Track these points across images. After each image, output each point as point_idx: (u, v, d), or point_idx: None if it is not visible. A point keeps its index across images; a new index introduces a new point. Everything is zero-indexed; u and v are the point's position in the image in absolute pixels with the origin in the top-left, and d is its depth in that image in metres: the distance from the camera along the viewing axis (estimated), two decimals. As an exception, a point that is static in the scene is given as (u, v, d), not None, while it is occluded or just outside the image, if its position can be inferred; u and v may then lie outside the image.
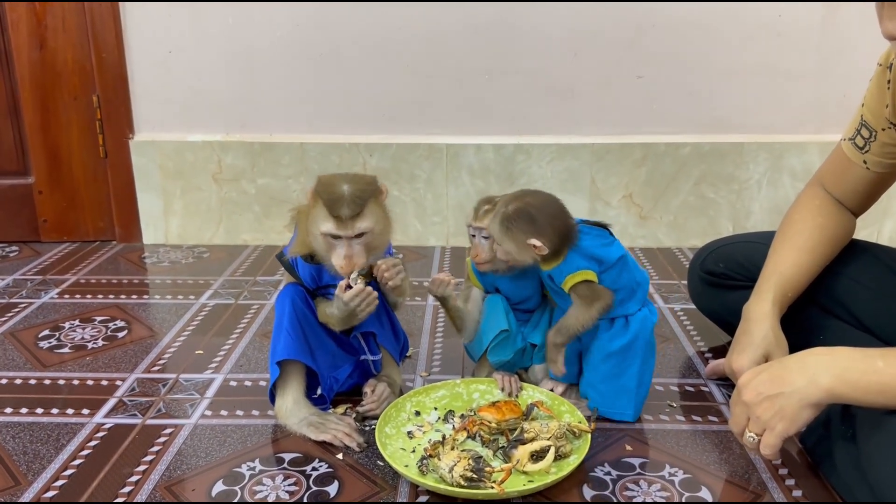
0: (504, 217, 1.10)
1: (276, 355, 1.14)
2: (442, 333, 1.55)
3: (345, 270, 1.10)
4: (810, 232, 1.18)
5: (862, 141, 1.14)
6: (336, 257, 1.10)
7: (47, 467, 1.08)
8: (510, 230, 1.10)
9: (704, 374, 1.35)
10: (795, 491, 1.02)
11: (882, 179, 1.17)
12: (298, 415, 1.14)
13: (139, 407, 1.25)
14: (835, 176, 1.21)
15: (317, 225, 1.09)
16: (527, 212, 1.09)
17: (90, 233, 2.17)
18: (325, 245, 1.10)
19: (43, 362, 1.42)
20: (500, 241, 1.11)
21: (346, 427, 1.13)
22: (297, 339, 1.14)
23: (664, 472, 1.06)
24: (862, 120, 1.14)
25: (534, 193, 1.12)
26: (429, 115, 2.06)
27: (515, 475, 1.01)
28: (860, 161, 1.15)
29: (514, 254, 1.11)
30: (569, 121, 2.05)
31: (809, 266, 1.18)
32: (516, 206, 1.10)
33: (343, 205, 1.06)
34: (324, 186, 1.09)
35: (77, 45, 2.02)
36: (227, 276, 1.89)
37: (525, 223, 1.09)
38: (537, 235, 1.09)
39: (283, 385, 1.16)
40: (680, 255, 2.03)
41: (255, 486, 1.03)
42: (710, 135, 2.04)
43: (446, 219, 2.11)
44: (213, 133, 2.09)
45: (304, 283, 1.20)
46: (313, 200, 1.10)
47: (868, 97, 1.12)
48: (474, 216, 1.17)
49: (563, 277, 1.12)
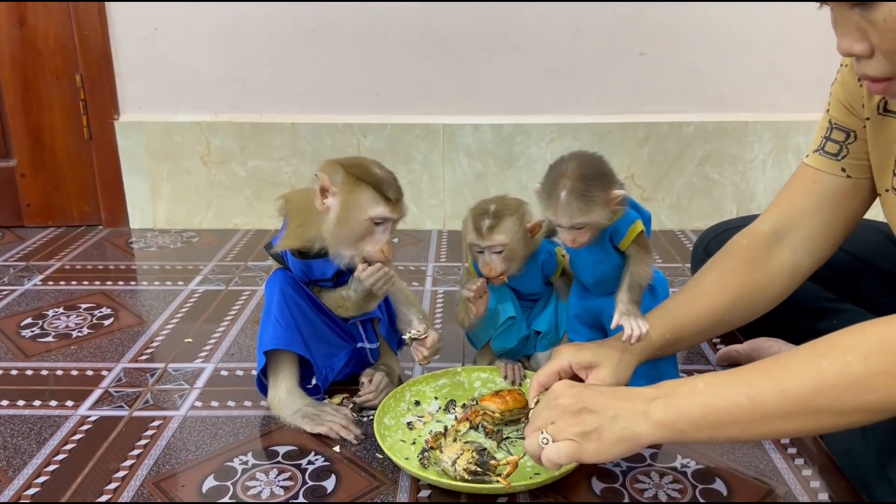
0: (577, 191, 0.97)
1: (263, 344, 1.09)
2: (441, 319, 1.50)
3: (381, 257, 1.06)
4: (720, 273, 1.06)
5: (836, 146, 1.03)
6: (374, 243, 1.05)
7: (29, 463, 1.03)
8: (592, 198, 0.97)
9: (714, 360, 1.31)
10: (813, 482, 0.98)
11: (856, 190, 1.03)
12: (293, 406, 1.10)
13: (126, 398, 1.20)
14: (795, 198, 1.06)
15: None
16: (590, 170, 0.99)
17: (75, 217, 2.10)
18: (365, 231, 1.05)
19: (25, 352, 1.37)
20: (585, 215, 0.98)
21: (343, 419, 1.08)
22: (287, 328, 1.09)
23: (676, 462, 1.02)
24: (832, 124, 1.03)
25: (567, 159, 1.01)
26: (425, 94, 2.00)
27: (522, 467, 0.96)
28: (837, 170, 1.03)
29: (602, 219, 0.99)
30: (569, 100, 1.99)
31: (702, 310, 1.04)
32: (577, 174, 0.98)
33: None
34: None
35: (58, 22, 1.95)
36: (217, 262, 1.83)
37: (598, 180, 0.98)
38: (614, 184, 1.00)
39: (275, 375, 1.11)
40: (683, 238, 1.99)
41: (248, 482, 0.98)
42: (714, 113, 1.99)
43: (443, 202, 2.05)
44: (202, 113, 2.02)
45: (295, 276, 1.14)
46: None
47: (834, 101, 1.03)
48: (479, 235, 1.08)
49: (625, 230, 1.03)
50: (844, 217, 1.04)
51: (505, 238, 1.07)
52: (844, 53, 0.78)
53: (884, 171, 0.96)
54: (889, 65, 0.76)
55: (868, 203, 1.04)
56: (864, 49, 0.76)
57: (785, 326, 1.21)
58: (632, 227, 1.03)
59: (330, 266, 1.11)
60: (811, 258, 1.05)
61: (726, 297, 1.04)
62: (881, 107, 0.95)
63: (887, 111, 0.94)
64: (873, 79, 0.79)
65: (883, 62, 0.76)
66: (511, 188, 2.02)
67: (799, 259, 1.05)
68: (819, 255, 1.06)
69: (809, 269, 1.06)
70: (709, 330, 1.07)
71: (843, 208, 1.03)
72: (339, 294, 1.12)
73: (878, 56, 0.76)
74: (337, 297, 1.12)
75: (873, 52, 0.76)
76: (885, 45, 0.74)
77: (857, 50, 0.76)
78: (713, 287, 1.05)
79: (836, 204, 1.03)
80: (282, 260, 1.14)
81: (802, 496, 0.95)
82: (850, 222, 1.05)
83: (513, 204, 1.11)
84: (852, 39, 0.76)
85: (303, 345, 1.11)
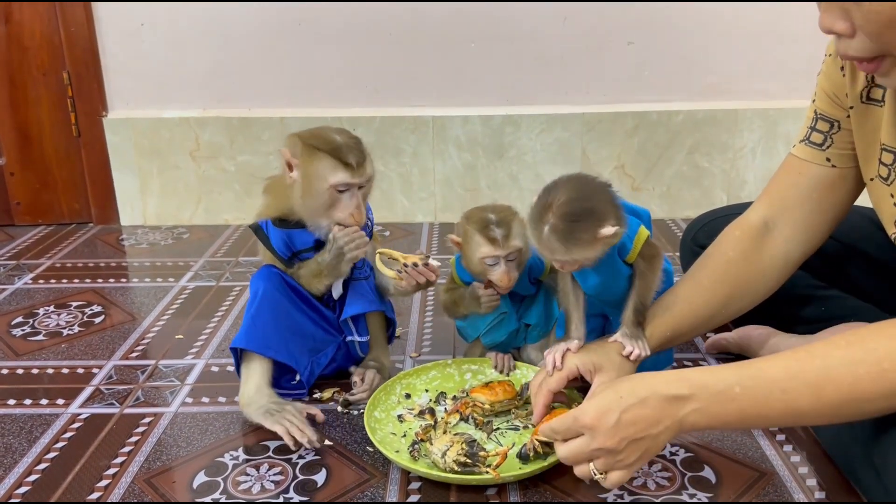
0: (559, 231, 0.89)
1: (233, 341, 1.10)
2: (431, 312, 1.50)
3: (352, 222, 1.07)
4: (714, 267, 1.06)
5: (821, 137, 1.02)
6: (342, 209, 1.06)
7: (19, 461, 1.03)
8: (575, 238, 0.89)
9: (704, 348, 1.31)
10: (802, 468, 0.98)
11: (842, 180, 1.02)
12: (258, 402, 1.08)
13: (117, 395, 1.20)
14: (783, 189, 1.06)
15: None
16: (578, 206, 0.90)
17: (65, 215, 2.10)
18: (330, 199, 1.05)
19: (16, 351, 1.37)
20: (568, 254, 0.91)
21: (299, 422, 1.04)
22: (260, 328, 1.09)
23: (665, 451, 1.02)
24: (817, 114, 1.03)
25: (558, 187, 0.92)
26: (413, 86, 1.99)
27: (511, 458, 0.97)
28: (822, 160, 1.03)
29: (588, 257, 0.92)
30: (558, 90, 1.99)
31: (700, 305, 1.05)
32: (562, 211, 0.89)
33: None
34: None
35: (44, 19, 1.94)
36: (208, 258, 1.83)
37: (585, 220, 0.89)
38: (605, 221, 0.90)
39: (246, 372, 1.10)
40: (674, 227, 1.99)
41: (239, 477, 0.98)
42: (703, 102, 1.99)
43: (433, 194, 2.05)
44: (190, 109, 2.01)
45: (278, 252, 1.14)
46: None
47: (820, 91, 1.03)
48: (496, 246, 1.05)
49: (630, 244, 0.99)
50: (832, 206, 1.04)
51: (520, 242, 1.07)
52: (826, 31, 0.77)
53: (869, 159, 0.96)
54: (871, 45, 0.75)
55: (856, 192, 1.04)
56: (845, 28, 0.75)
57: (774, 314, 1.22)
58: (636, 237, 0.99)
59: (311, 235, 1.11)
60: (802, 247, 1.06)
61: (722, 290, 1.05)
62: (864, 95, 0.95)
63: (870, 99, 0.94)
64: (855, 59, 0.78)
65: (865, 42, 0.75)
66: (501, 179, 2.02)
67: (790, 249, 1.06)
68: (810, 245, 1.06)
69: (800, 258, 1.07)
70: (706, 323, 1.08)
71: (830, 198, 1.04)
72: (314, 261, 1.11)
73: (860, 36, 0.75)
74: (314, 266, 1.11)
75: (855, 31, 0.75)
76: (868, 26, 0.73)
77: (839, 28, 0.76)
78: (709, 282, 1.06)
79: (823, 194, 1.04)
80: (264, 236, 1.13)
81: (791, 482, 0.96)
82: (838, 211, 1.05)
83: (507, 209, 1.11)
84: (834, 17, 0.75)
85: (275, 346, 1.09)
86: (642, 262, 1.00)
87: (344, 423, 1.11)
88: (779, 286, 1.08)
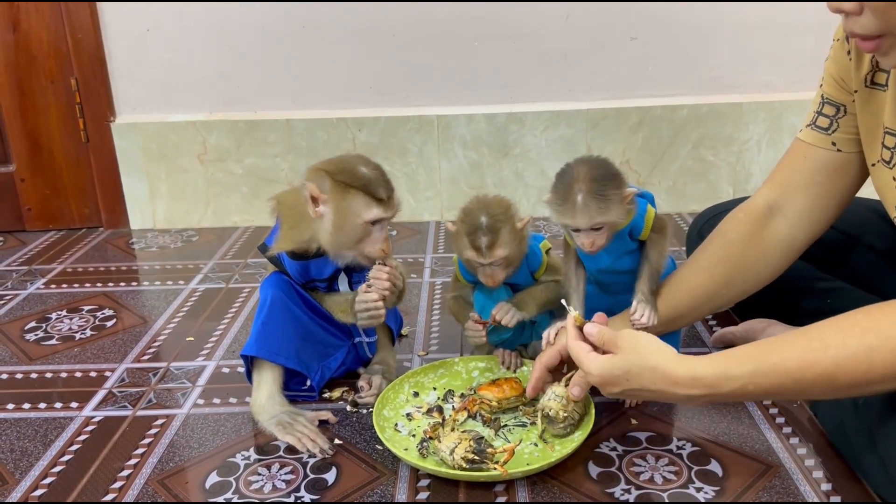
0: (593, 192, 0.97)
1: (244, 348, 1.11)
2: (439, 311, 1.51)
3: (381, 255, 1.08)
4: (714, 249, 1.08)
5: (827, 121, 1.03)
6: (372, 244, 1.06)
7: (35, 464, 1.05)
8: (609, 197, 0.97)
9: (710, 342, 1.32)
10: (808, 460, 0.99)
11: (847, 164, 1.03)
12: (270, 411, 1.09)
13: (129, 398, 1.22)
14: (789, 173, 1.07)
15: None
16: (600, 171, 0.99)
17: (76, 220, 2.12)
18: (363, 233, 1.06)
19: (29, 355, 1.39)
20: (604, 214, 0.98)
21: (311, 432, 1.06)
22: (270, 335, 1.10)
23: (671, 445, 1.03)
24: (824, 99, 1.04)
25: (575, 165, 1.00)
26: (417, 85, 2.00)
27: (518, 455, 0.98)
28: (828, 144, 1.03)
29: (619, 218, 1.00)
30: (562, 87, 1.99)
31: (698, 285, 1.07)
32: (589, 176, 0.97)
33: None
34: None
35: (51, 26, 1.96)
36: (217, 260, 1.85)
37: (611, 180, 0.98)
38: (625, 183, 1.00)
39: (258, 379, 1.11)
40: (680, 221, 1.99)
41: (251, 477, 1.00)
42: (707, 96, 1.99)
43: (439, 193, 2.06)
44: (196, 112, 2.03)
45: (292, 278, 1.15)
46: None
47: (827, 76, 1.03)
48: (479, 254, 1.08)
49: (642, 222, 1.04)
50: (838, 191, 1.05)
51: (504, 251, 1.08)
52: (834, 10, 0.79)
53: (872, 143, 0.97)
54: (878, 21, 0.77)
55: (861, 177, 1.05)
56: (853, 7, 0.77)
57: (777, 305, 1.22)
58: (647, 215, 1.04)
59: (328, 266, 1.12)
60: (806, 232, 1.06)
61: (720, 271, 1.06)
62: (868, 79, 0.96)
63: (874, 84, 0.95)
64: (861, 36, 0.80)
65: (872, 19, 0.77)
66: (507, 177, 2.03)
67: (794, 233, 1.06)
68: (814, 230, 1.07)
69: (804, 243, 1.07)
70: (707, 303, 1.09)
71: (835, 182, 1.04)
72: (345, 299, 1.13)
73: (866, 13, 0.77)
74: (342, 302, 1.14)
75: (862, 8, 0.77)
76: (875, 1, 0.75)
77: (847, 7, 0.77)
78: (708, 263, 1.07)
79: (829, 178, 1.04)
80: (278, 262, 1.14)
81: (797, 475, 0.96)
82: (843, 197, 1.06)
83: (500, 208, 1.10)
84: None
85: (286, 353, 1.11)
86: (654, 234, 1.05)
87: (353, 421, 1.12)
88: (782, 270, 1.09)
